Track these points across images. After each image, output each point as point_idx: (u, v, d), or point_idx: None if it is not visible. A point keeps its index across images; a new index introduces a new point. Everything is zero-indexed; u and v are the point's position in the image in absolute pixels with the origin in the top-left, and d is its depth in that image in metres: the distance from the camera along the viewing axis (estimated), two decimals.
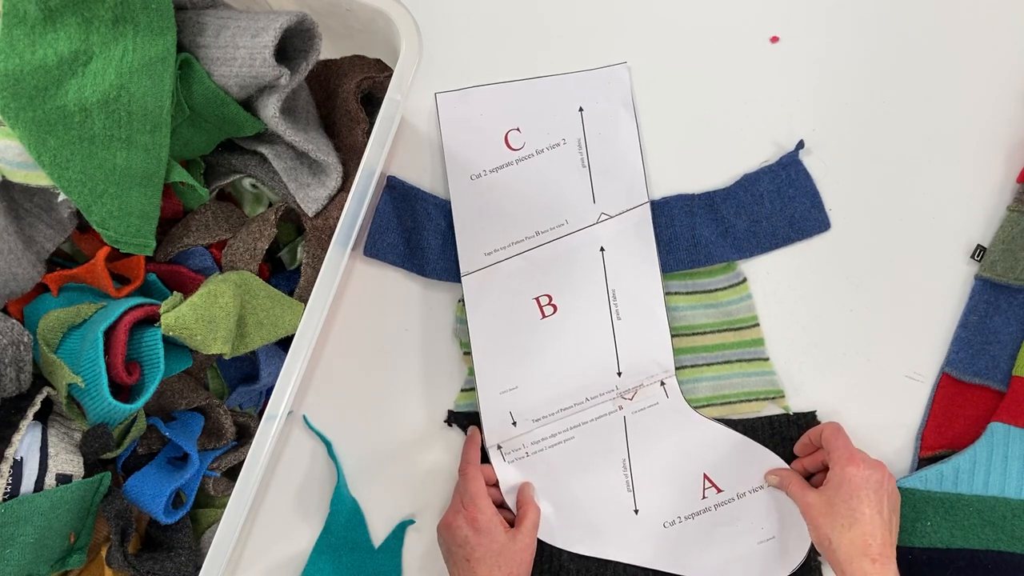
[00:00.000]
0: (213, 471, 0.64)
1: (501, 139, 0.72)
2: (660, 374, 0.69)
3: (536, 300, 0.70)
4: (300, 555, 0.70)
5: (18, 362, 0.55)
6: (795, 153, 0.71)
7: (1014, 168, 0.70)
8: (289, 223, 0.69)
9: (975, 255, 0.69)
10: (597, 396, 0.69)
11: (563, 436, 0.69)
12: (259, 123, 0.61)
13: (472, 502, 0.64)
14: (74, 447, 0.57)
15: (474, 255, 0.71)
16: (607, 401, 0.69)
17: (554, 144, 0.71)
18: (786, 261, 0.71)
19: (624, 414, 0.69)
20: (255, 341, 0.61)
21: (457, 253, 0.71)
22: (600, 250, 0.70)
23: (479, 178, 0.71)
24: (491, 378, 0.69)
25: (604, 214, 0.70)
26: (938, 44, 0.72)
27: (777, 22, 0.73)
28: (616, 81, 0.72)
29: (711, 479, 0.69)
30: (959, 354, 0.68)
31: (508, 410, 0.69)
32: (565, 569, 0.69)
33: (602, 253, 0.70)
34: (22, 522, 0.53)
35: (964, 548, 0.65)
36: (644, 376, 0.69)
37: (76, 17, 0.53)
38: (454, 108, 0.73)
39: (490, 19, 0.74)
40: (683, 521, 0.69)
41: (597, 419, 0.69)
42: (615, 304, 0.69)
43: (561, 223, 0.71)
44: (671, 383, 0.69)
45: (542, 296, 0.70)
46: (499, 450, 0.69)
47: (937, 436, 0.68)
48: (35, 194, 0.58)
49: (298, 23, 0.58)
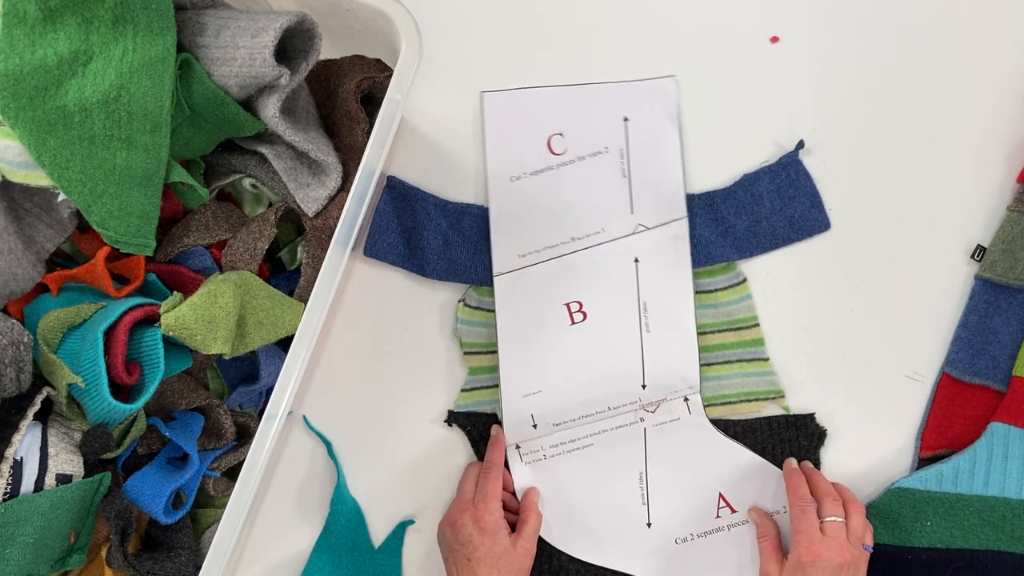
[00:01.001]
0: (213, 471, 0.64)
1: (544, 143, 0.72)
2: (685, 390, 0.69)
3: (566, 306, 0.70)
4: (300, 555, 0.70)
5: (18, 362, 0.55)
6: (795, 153, 0.71)
7: (1014, 168, 0.70)
8: (289, 223, 0.69)
9: (975, 255, 0.69)
10: (620, 406, 0.69)
11: (582, 443, 0.69)
12: (259, 123, 0.61)
13: (484, 500, 0.64)
14: (74, 447, 0.57)
15: (508, 256, 0.71)
16: (629, 412, 0.69)
17: (596, 152, 0.71)
18: (786, 261, 0.71)
19: (645, 426, 0.69)
20: (255, 341, 0.61)
21: (458, 254, 0.71)
22: (634, 261, 0.70)
23: (519, 180, 0.71)
24: (515, 379, 0.69)
25: (641, 225, 0.70)
26: (938, 44, 0.72)
27: (777, 22, 0.73)
28: (663, 93, 0.72)
29: (726, 499, 0.69)
30: (959, 354, 0.68)
31: (530, 412, 0.69)
32: (565, 569, 0.69)
33: (636, 264, 0.70)
34: (22, 522, 0.53)
35: (964, 548, 0.65)
36: (669, 391, 0.69)
37: (76, 17, 0.53)
38: (499, 108, 0.72)
39: (490, 19, 0.74)
40: (695, 539, 0.68)
41: (617, 428, 0.69)
42: (646, 316, 0.69)
43: (597, 231, 0.71)
44: (695, 400, 0.69)
45: (573, 302, 0.70)
46: (517, 450, 0.69)
47: (937, 436, 0.68)
48: (35, 194, 0.58)
49: (298, 23, 0.57)
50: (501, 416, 0.70)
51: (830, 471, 0.69)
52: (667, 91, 0.72)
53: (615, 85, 0.72)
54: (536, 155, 0.72)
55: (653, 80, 0.73)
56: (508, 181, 0.71)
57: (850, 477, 0.69)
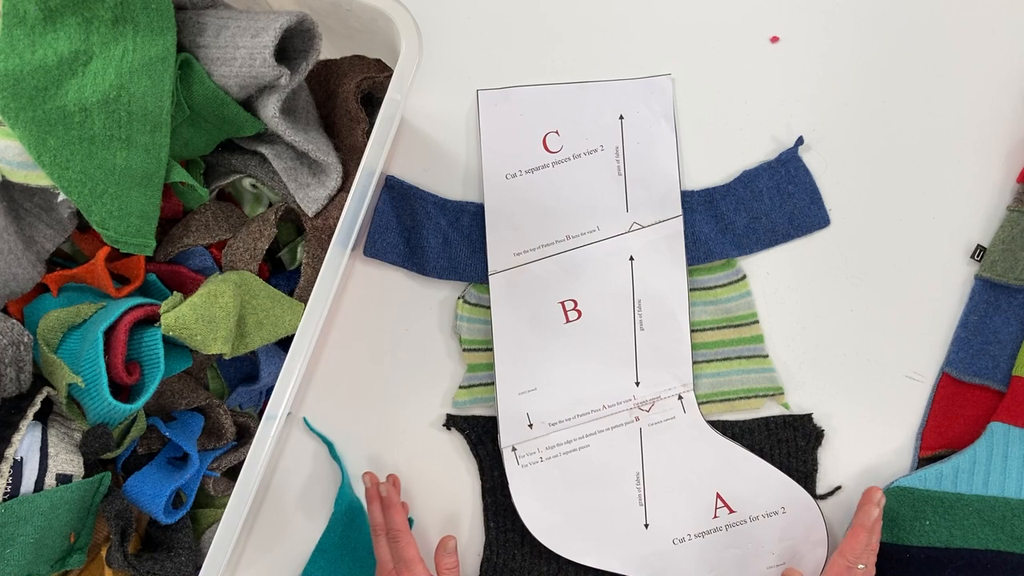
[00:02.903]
0: (213, 471, 0.64)
1: (539, 141, 0.72)
2: (678, 388, 0.69)
3: (561, 304, 0.70)
4: (300, 555, 0.70)
5: (18, 362, 0.55)
6: (794, 149, 0.71)
7: (1014, 168, 0.70)
8: (289, 223, 0.69)
9: (975, 255, 0.69)
10: (614, 404, 0.69)
11: (578, 444, 0.69)
12: (259, 123, 0.61)
13: (408, 569, 0.62)
14: (74, 447, 0.57)
15: (503, 254, 0.71)
16: (624, 411, 0.69)
17: (592, 150, 0.72)
18: (786, 260, 0.71)
19: (640, 425, 0.69)
20: (255, 341, 0.61)
21: (458, 252, 0.71)
22: (629, 259, 0.70)
23: (514, 178, 0.71)
24: (511, 377, 0.69)
25: (636, 223, 0.70)
26: (938, 43, 0.72)
27: (777, 22, 0.73)
28: (658, 91, 0.72)
29: (724, 499, 0.68)
30: (959, 354, 0.68)
31: (525, 411, 0.69)
32: (564, 571, 0.69)
33: (631, 262, 0.70)
34: (22, 522, 0.53)
35: (963, 548, 0.65)
36: (662, 388, 0.69)
37: (76, 17, 0.53)
38: (495, 106, 0.73)
39: (491, 19, 0.74)
40: (693, 539, 0.68)
41: (613, 428, 0.69)
42: (640, 314, 0.69)
43: (592, 229, 0.71)
44: (689, 398, 0.69)
45: (567, 300, 0.70)
46: (513, 452, 0.69)
47: (937, 436, 0.68)
48: (35, 194, 0.58)
49: (298, 23, 0.58)
50: (497, 414, 0.70)
51: (829, 471, 0.69)
52: (663, 89, 0.72)
53: (611, 83, 0.72)
54: (531, 153, 0.72)
55: (649, 78, 0.73)
56: (503, 179, 0.72)
57: (849, 477, 0.69)
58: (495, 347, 0.70)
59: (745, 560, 0.68)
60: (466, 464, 0.71)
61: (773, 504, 0.68)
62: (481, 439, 0.70)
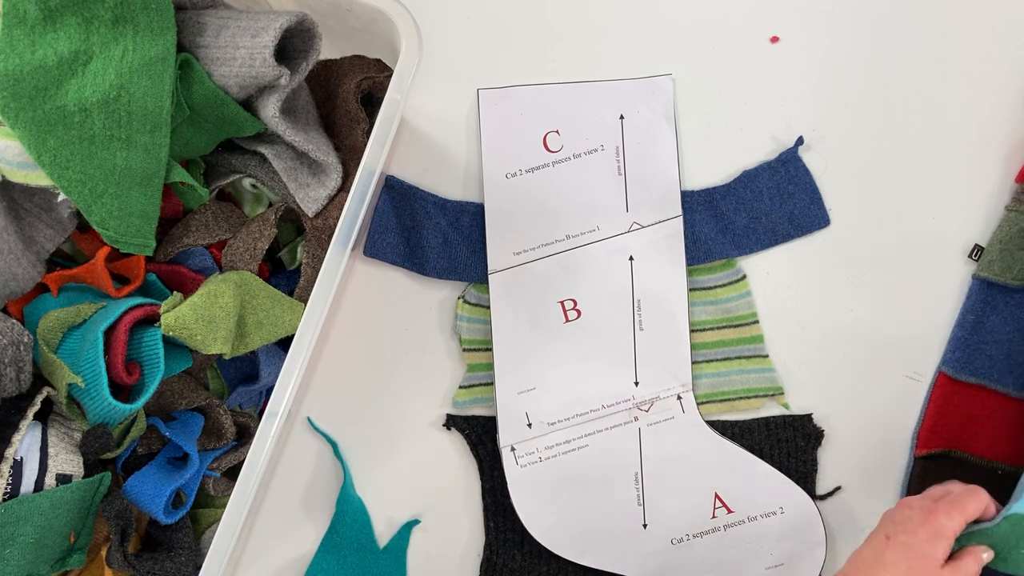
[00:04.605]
0: (213, 471, 0.64)
1: (540, 140, 0.72)
2: (677, 388, 0.69)
3: (561, 304, 0.70)
4: (301, 555, 0.70)
5: (18, 362, 0.55)
6: (794, 149, 0.71)
7: (1013, 168, 0.70)
8: (289, 223, 0.69)
9: (973, 254, 0.69)
10: (613, 404, 0.69)
11: (577, 443, 0.69)
12: (259, 123, 0.61)
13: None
14: (74, 447, 0.57)
15: (503, 254, 0.71)
16: (623, 411, 0.69)
17: (592, 149, 0.72)
18: (786, 260, 0.71)
19: (639, 425, 0.69)
20: (255, 341, 0.61)
21: (459, 252, 0.71)
22: (629, 259, 0.70)
23: (514, 177, 0.71)
24: (510, 377, 0.69)
25: (636, 223, 0.70)
26: (938, 43, 0.72)
27: (777, 22, 0.73)
28: (659, 91, 0.72)
29: (722, 499, 0.68)
30: (956, 353, 0.68)
31: (524, 411, 0.69)
32: (563, 571, 0.69)
33: (631, 262, 0.70)
34: (22, 522, 0.53)
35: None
36: (661, 388, 0.69)
37: (76, 17, 0.53)
38: (495, 105, 0.73)
39: (491, 19, 0.74)
40: (691, 539, 0.68)
41: (612, 428, 0.69)
42: (639, 314, 0.69)
43: (592, 229, 0.71)
44: (687, 397, 0.69)
45: (567, 300, 0.70)
46: (512, 452, 0.69)
47: (932, 435, 0.68)
48: (35, 194, 0.58)
49: (298, 23, 0.58)
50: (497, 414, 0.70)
51: (829, 471, 0.69)
52: (663, 89, 0.72)
53: (611, 83, 0.73)
54: (532, 152, 0.72)
55: (649, 78, 0.73)
56: (503, 178, 0.72)
57: (849, 477, 0.69)
58: (494, 346, 0.70)
59: (744, 560, 0.68)
60: (466, 464, 0.71)
61: (772, 504, 0.68)
62: (481, 439, 0.70)
